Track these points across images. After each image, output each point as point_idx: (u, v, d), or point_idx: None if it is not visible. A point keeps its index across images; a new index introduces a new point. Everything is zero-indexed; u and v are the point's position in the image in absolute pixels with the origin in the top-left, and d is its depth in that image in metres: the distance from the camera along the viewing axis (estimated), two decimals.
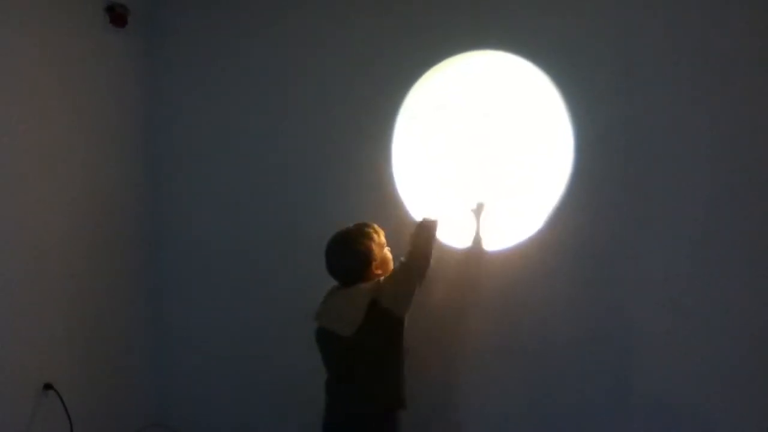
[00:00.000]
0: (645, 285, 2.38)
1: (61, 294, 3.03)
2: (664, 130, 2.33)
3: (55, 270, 3.00)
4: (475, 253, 2.58)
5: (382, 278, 2.33)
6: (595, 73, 2.42)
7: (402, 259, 2.37)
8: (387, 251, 2.44)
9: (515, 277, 2.57)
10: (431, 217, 2.46)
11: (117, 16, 3.19)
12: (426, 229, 2.42)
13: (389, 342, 2.29)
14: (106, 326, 3.24)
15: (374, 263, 2.35)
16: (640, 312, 2.39)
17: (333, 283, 2.43)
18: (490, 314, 2.62)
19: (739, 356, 2.25)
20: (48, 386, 2.93)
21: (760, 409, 2.23)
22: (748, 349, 2.24)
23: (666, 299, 2.34)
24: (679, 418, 2.33)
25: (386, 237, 2.46)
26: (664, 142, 2.34)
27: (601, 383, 2.45)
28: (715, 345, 2.28)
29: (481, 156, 2.64)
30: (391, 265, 2.41)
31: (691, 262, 2.32)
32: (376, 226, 2.43)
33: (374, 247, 2.35)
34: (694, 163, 2.29)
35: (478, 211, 2.59)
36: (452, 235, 2.65)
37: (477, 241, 2.58)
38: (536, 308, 2.55)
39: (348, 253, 2.31)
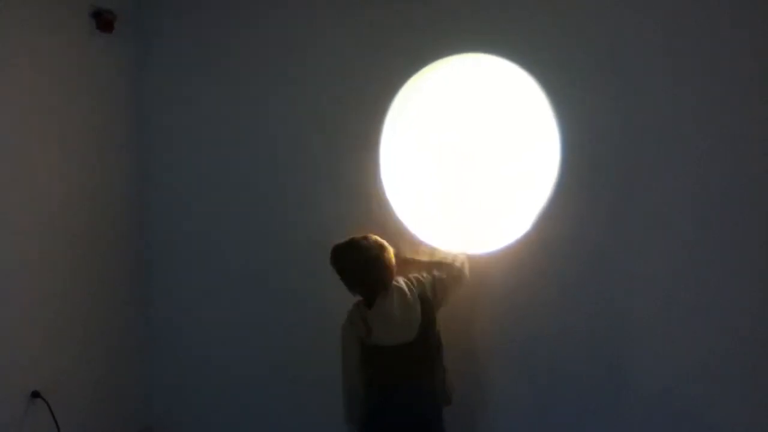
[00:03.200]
0: (639, 284, 2.38)
1: (48, 300, 3.00)
2: (654, 130, 2.34)
3: (42, 276, 2.97)
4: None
5: (421, 275, 2.47)
6: (584, 74, 2.44)
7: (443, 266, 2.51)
8: None
9: (509, 277, 2.57)
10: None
11: (104, 22, 3.19)
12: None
13: (437, 328, 2.45)
14: (93, 332, 3.20)
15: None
16: (634, 310, 2.39)
17: (335, 291, 2.44)
18: (484, 315, 2.62)
19: (735, 353, 2.26)
20: (35, 394, 2.90)
21: (757, 405, 2.23)
22: (743, 346, 2.25)
23: (660, 297, 2.35)
24: (675, 414, 2.34)
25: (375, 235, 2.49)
26: (653, 142, 2.35)
27: (596, 381, 2.46)
28: (710, 342, 2.29)
29: (470, 158, 2.64)
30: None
31: (684, 260, 2.33)
32: (369, 234, 2.47)
33: (390, 252, 2.45)
34: (684, 162, 2.31)
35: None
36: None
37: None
38: (530, 308, 2.55)
39: (380, 267, 2.41)
